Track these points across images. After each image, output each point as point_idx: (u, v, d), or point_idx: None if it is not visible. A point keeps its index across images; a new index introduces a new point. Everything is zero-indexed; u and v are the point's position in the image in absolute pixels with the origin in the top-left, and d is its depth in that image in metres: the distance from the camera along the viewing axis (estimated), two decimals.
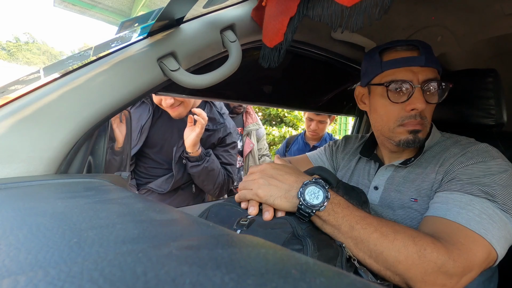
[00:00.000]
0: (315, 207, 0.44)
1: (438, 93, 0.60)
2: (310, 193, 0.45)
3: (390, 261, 0.42)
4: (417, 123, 0.60)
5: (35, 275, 0.12)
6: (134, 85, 0.48)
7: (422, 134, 0.61)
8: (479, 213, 0.47)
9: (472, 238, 0.45)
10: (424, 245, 0.43)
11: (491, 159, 0.54)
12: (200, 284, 0.11)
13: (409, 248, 0.42)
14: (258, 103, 1.00)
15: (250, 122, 1.87)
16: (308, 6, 0.50)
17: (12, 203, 0.26)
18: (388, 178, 0.66)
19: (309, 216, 0.45)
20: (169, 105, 1.09)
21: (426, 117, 0.61)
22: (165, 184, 1.19)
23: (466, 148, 0.58)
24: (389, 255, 0.42)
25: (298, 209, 0.45)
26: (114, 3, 3.65)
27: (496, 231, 0.46)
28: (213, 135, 1.28)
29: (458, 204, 0.49)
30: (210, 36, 0.56)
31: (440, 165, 0.59)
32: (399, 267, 0.42)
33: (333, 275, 0.13)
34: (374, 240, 0.43)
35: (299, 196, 0.45)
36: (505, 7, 0.72)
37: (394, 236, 0.43)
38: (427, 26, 0.87)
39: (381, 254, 0.43)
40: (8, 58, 32.79)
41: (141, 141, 1.14)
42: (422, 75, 0.58)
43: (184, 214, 0.23)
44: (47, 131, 0.40)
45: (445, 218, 0.48)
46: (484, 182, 0.51)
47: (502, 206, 0.48)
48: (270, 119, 5.50)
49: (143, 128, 1.14)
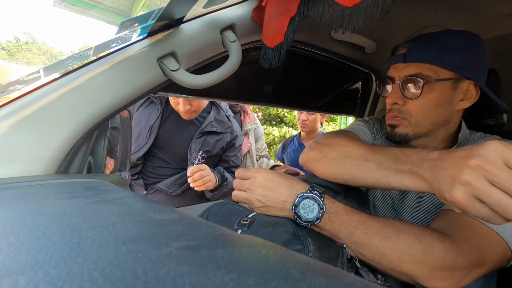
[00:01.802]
0: (309, 222, 0.44)
1: (421, 88, 0.57)
2: (305, 207, 0.45)
3: (394, 262, 0.42)
4: (393, 117, 0.62)
5: (35, 275, 0.12)
6: (134, 85, 0.48)
7: (400, 129, 0.61)
8: None
9: (487, 234, 0.43)
10: (431, 243, 0.42)
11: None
12: (200, 284, 0.11)
13: (414, 247, 0.41)
14: (258, 103, 1.00)
15: (248, 122, 1.85)
16: (309, 6, 0.50)
17: (12, 203, 0.26)
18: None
19: (305, 228, 0.45)
20: (186, 110, 1.11)
21: (410, 113, 0.60)
22: (175, 185, 1.19)
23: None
24: (392, 256, 0.42)
25: (294, 221, 0.45)
26: (114, 3, 3.65)
27: (509, 225, 0.42)
28: (222, 139, 1.28)
29: None
30: (210, 36, 0.56)
31: None
32: (403, 266, 0.41)
33: (333, 275, 0.13)
34: (375, 244, 0.43)
35: (294, 210, 0.45)
36: (505, 7, 0.72)
37: (397, 236, 0.43)
38: (427, 26, 0.87)
39: (383, 257, 0.42)
40: (8, 58, 32.79)
41: (151, 141, 1.15)
42: (403, 72, 0.59)
43: (184, 214, 0.23)
44: (47, 131, 0.40)
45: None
46: None
47: None
48: (270, 119, 5.50)
49: (152, 127, 1.14)
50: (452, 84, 0.58)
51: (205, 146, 1.22)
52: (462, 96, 0.59)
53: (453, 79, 0.57)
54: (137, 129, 1.14)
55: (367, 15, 0.41)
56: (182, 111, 1.12)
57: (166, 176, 1.21)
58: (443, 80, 0.57)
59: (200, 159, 1.21)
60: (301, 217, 0.44)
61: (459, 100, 0.59)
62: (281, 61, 0.60)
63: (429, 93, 0.57)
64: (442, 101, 0.58)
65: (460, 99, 0.59)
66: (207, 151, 1.23)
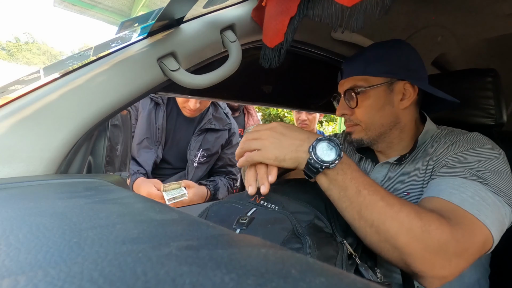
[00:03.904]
0: (325, 163, 0.43)
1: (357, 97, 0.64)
2: (323, 149, 0.44)
3: (391, 232, 0.41)
4: (347, 126, 0.70)
5: (35, 275, 0.12)
6: (134, 85, 0.48)
7: (355, 135, 0.68)
8: (471, 194, 0.46)
9: (469, 219, 0.44)
10: (430, 221, 0.41)
11: (481, 145, 0.54)
12: (200, 284, 0.11)
13: (413, 221, 0.41)
14: (258, 103, 1.00)
15: (251, 124, 1.84)
16: (308, 6, 0.50)
17: (12, 203, 0.26)
18: (384, 176, 0.67)
19: (316, 172, 0.43)
20: (196, 108, 1.13)
21: (359, 119, 0.66)
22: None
23: (457, 137, 0.59)
24: (391, 225, 0.41)
25: (307, 163, 0.43)
26: (114, 3, 3.65)
27: (490, 213, 0.45)
28: (222, 136, 1.29)
29: (450, 185, 0.49)
30: (210, 36, 0.56)
31: (431, 156, 0.59)
32: (399, 239, 0.41)
33: (333, 275, 0.13)
34: (379, 208, 0.42)
35: (311, 150, 0.44)
36: (505, 7, 0.72)
37: (400, 207, 0.42)
38: (427, 26, 0.87)
39: (383, 224, 0.42)
40: (8, 58, 32.78)
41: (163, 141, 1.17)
42: (343, 87, 0.68)
43: (184, 214, 0.23)
44: (47, 131, 0.40)
45: (439, 197, 0.48)
46: (475, 167, 0.50)
47: (494, 189, 0.47)
48: (270, 119, 5.50)
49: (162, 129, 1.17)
50: (387, 88, 0.63)
51: (205, 144, 1.23)
52: (401, 96, 0.64)
53: (385, 83, 0.63)
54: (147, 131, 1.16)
55: (367, 14, 0.41)
56: (192, 108, 1.13)
57: (166, 176, 1.21)
58: (374, 86, 0.63)
59: (200, 157, 1.21)
60: (318, 157, 0.43)
61: (400, 100, 0.64)
62: (281, 61, 0.60)
63: (367, 100, 0.64)
64: (381, 104, 0.64)
65: (400, 99, 0.64)
66: (207, 149, 1.23)
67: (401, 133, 0.66)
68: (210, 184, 1.21)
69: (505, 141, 0.74)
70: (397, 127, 0.66)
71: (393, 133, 0.66)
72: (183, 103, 1.15)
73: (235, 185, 1.41)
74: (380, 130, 0.65)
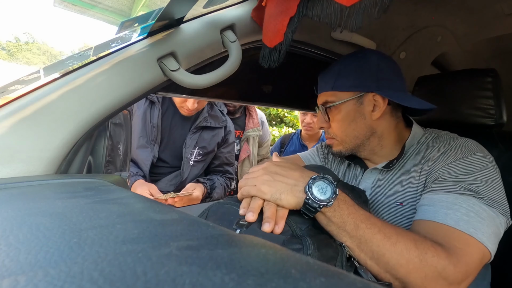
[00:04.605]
0: (322, 202, 0.43)
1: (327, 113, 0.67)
2: (319, 188, 0.44)
3: (391, 264, 0.42)
4: (327, 139, 0.72)
5: (35, 275, 0.12)
6: (134, 85, 0.48)
7: (334, 148, 0.70)
8: (466, 211, 0.47)
9: (464, 240, 0.45)
10: (425, 249, 0.42)
11: (471, 154, 0.54)
12: (200, 284, 0.11)
13: (411, 252, 0.42)
14: (258, 103, 1.00)
15: (251, 127, 1.74)
16: (308, 6, 0.50)
17: (12, 203, 0.26)
18: (374, 181, 0.66)
19: (315, 211, 0.44)
20: (194, 107, 1.13)
21: (335, 133, 0.68)
22: (170, 186, 1.20)
23: (446, 145, 0.58)
24: (391, 257, 0.42)
25: (305, 203, 0.44)
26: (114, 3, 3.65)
27: (485, 228, 0.45)
28: (218, 134, 1.28)
29: (444, 204, 0.49)
30: (210, 36, 0.56)
31: (422, 166, 0.59)
32: (400, 270, 0.42)
33: (333, 275, 0.13)
34: (377, 241, 0.43)
35: (307, 190, 0.44)
36: (505, 7, 0.72)
37: (397, 238, 0.43)
38: (427, 26, 0.87)
39: (383, 256, 0.42)
40: (8, 58, 32.78)
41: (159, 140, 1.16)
42: (319, 102, 0.70)
43: (184, 214, 0.23)
44: (47, 131, 0.40)
45: (434, 221, 0.48)
46: (466, 180, 0.51)
47: (487, 201, 0.48)
48: (270, 119, 5.49)
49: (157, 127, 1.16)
50: (356, 101, 0.64)
51: (201, 142, 1.22)
52: (372, 107, 0.64)
53: (354, 98, 0.64)
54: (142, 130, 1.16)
55: (366, 14, 0.41)
56: (191, 108, 1.13)
57: (162, 175, 1.21)
58: (344, 101, 0.65)
59: (196, 155, 1.21)
60: (315, 197, 0.43)
61: (371, 111, 0.64)
62: (280, 61, 0.60)
63: (338, 114, 0.66)
64: (352, 117, 0.65)
65: (371, 110, 0.64)
66: (203, 147, 1.23)
67: (381, 140, 0.66)
68: (208, 182, 1.21)
69: (505, 141, 0.74)
70: (375, 136, 0.66)
71: (371, 142, 0.66)
72: (181, 103, 1.14)
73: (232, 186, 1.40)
74: (356, 142, 0.66)
